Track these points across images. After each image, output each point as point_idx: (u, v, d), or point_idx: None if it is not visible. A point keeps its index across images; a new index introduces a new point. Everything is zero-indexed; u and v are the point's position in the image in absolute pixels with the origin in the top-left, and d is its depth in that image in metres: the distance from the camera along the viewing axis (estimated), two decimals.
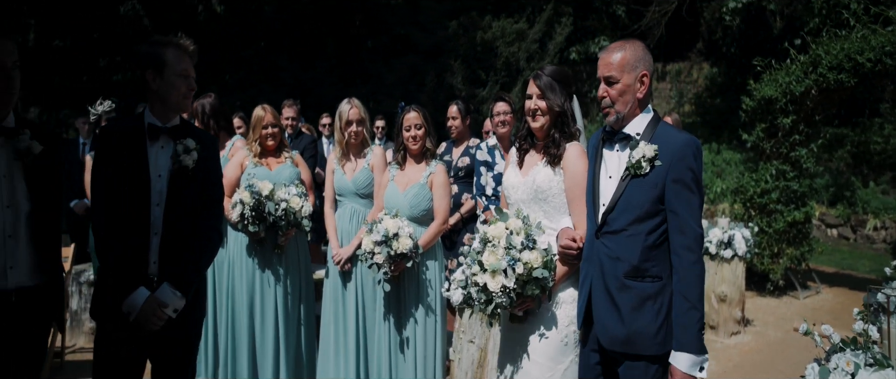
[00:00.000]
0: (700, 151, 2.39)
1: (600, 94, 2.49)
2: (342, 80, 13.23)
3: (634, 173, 2.39)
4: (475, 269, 2.57)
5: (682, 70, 18.23)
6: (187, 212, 2.61)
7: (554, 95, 2.69)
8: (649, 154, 2.36)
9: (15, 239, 2.53)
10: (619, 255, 2.42)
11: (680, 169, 2.34)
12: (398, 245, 3.63)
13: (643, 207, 2.38)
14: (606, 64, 2.46)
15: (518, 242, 2.53)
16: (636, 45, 2.46)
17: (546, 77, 2.73)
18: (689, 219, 2.33)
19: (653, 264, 2.40)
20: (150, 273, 2.57)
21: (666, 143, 2.38)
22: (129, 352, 2.58)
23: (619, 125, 2.48)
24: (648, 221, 2.38)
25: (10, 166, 2.53)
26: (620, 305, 2.41)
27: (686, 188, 2.34)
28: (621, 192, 2.42)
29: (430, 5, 13.88)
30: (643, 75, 2.43)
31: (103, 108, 5.15)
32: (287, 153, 4.33)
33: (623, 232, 2.42)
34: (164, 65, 2.60)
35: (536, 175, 2.74)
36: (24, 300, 2.53)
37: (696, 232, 2.35)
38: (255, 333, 4.13)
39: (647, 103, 2.49)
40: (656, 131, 2.43)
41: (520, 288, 2.52)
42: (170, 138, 2.63)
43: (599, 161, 2.55)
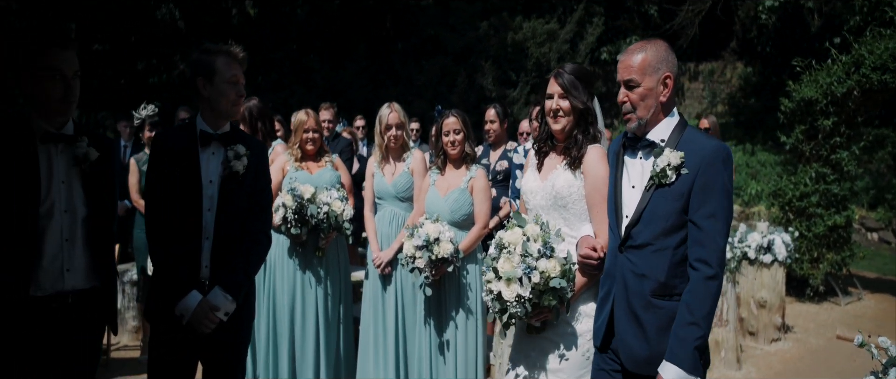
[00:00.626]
0: (730, 159, 2.22)
1: (620, 98, 2.33)
2: (373, 81, 13.31)
3: (659, 183, 2.23)
4: (490, 275, 2.47)
5: (715, 70, 17.95)
6: (237, 217, 2.65)
7: (577, 94, 2.59)
8: (675, 162, 2.20)
9: (72, 243, 2.59)
10: (644, 271, 2.26)
11: (707, 176, 2.18)
12: (439, 250, 3.64)
13: (669, 220, 2.22)
14: (626, 66, 2.30)
15: (535, 249, 2.41)
16: (659, 45, 2.31)
17: (568, 75, 2.61)
18: (711, 231, 2.15)
19: (681, 281, 2.22)
20: (202, 277, 2.62)
21: (693, 150, 2.21)
22: (182, 354, 2.63)
23: (642, 131, 2.32)
24: (675, 235, 2.22)
25: (69, 172, 2.60)
26: (646, 324, 2.25)
27: (712, 198, 2.17)
28: (646, 203, 2.26)
29: (461, 6, 13.89)
30: (666, 77, 2.27)
31: (146, 112, 5.26)
32: (327, 157, 4.38)
33: (648, 246, 2.25)
34: (213, 72, 2.65)
35: (556, 179, 2.63)
36: (80, 302, 2.59)
37: (718, 245, 2.16)
38: (295, 334, 4.18)
39: (672, 107, 2.33)
40: (683, 137, 2.26)
41: (536, 298, 2.40)
42: (221, 145, 2.68)
43: (621, 169, 2.39)
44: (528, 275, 2.37)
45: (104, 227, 2.68)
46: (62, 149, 2.58)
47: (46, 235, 2.51)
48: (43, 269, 2.50)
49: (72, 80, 2.53)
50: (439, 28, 13.76)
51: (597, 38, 14.80)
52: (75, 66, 2.54)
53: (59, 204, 2.56)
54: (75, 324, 2.58)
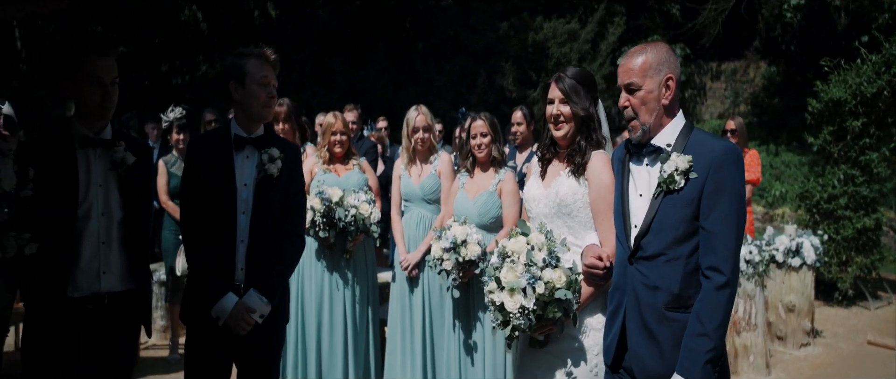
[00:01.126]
0: (741, 160, 2.13)
1: (621, 103, 2.24)
2: (393, 82, 13.35)
3: (667, 189, 2.13)
4: (492, 285, 2.38)
5: (738, 69, 17.73)
6: (272, 219, 2.67)
7: (578, 99, 2.51)
8: (683, 166, 2.10)
9: (108, 245, 2.63)
10: (657, 283, 2.15)
11: (718, 180, 2.08)
12: (466, 252, 3.64)
13: (680, 228, 2.12)
14: (626, 70, 2.22)
15: (540, 258, 2.32)
16: (659, 47, 2.23)
17: (569, 80, 2.53)
18: (724, 237, 2.06)
19: (695, 292, 2.12)
20: (237, 280, 2.64)
21: (701, 153, 2.12)
22: (218, 355, 2.66)
23: (646, 138, 2.23)
24: (687, 243, 2.13)
25: (106, 176, 2.63)
26: (661, 339, 2.15)
27: (723, 201, 2.07)
28: (654, 212, 2.16)
29: (482, 7, 13.87)
30: (668, 79, 2.18)
31: (174, 115, 5.32)
32: (354, 160, 4.39)
33: (660, 257, 2.16)
34: (245, 75, 2.66)
35: (559, 187, 2.54)
36: (116, 304, 2.63)
37: (730, 251, 2.06)
38: (322, 336, 4.21)
39: (676, 110, 2.24)
40: (690, 140, 2.17)
41: (540, 309, 2.30)
42: (255, 148, 2.70)
43: (627, 178, 2.29)
44: (533, 285, 2.28)
45: (139, 230, 2.71)
46: (100, 153, 2.61)
47: (84, 237, 2.55)
48: (80, 270, 2.54)
49: (110, 87, 2.57)
50: (459, 28, 13.76)
51: (618, 37, 14.69)
52: (114, 73, 2.58)
53: (97, 207, 2.60)
54: (111, 325, 2.61)
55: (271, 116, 2.74)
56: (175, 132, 5.28)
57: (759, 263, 5.29)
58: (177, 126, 5.27)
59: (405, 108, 4.42)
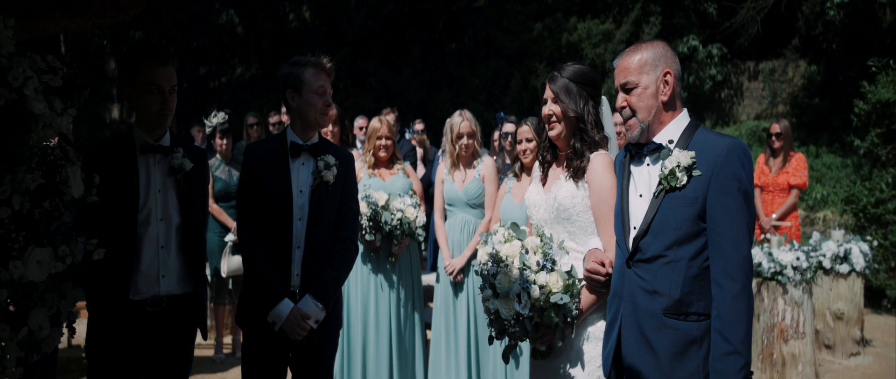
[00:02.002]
0: (749, 158, 2.01)
1: (618, 104, 2.16)
2: (427, 84, 13.37)
3: (669, 186, 2.02)
4: (487, 293, 2.27)
5: (776, 68, 17.34)
6: (327, 226, 2.71)
7: (569, 99, 2.39)
8: (685, 162, 1.99)
9: (167, 250, 2.69)
10: (655, 287, 2.03)
11: (724, 178, 1.96)
12: None
13: (682, 228, 2.00)
14: (622, 69, 2.14)
15: (534, 262, 2.21)
16: (656, 44, 2.16)
17: (562, 79, 2.43)
18: (733, 239, 1.94)
19: (698, 298, 1.99)
20: (293, 285, 2.68)
21: (705, 149, 2.01)
22: (273, 360, 2.70)
23: (645, 137, 2.13)
24: (689, 245, 2.00)
25: (165, 182, 2.70)
26: (658, 348, 2.01)
27: (731, 201, 1.95)
28: (655, 211, 2.05)
29: (515, 8, 13.82)
30: (666, 74, 2.08)
31: (217, 119, 5.42)
32: (399, 164, 4.42)
33: (659, 259, 2.03)
34: (302, 83, 2.70)
35: (558, 191, 2.43)
36: (174, 306, 2.69)
37: (742, 255, 1.94)
38: (368, 339, 4.24)
39: (677, 107, 2.13)
40: (694, 138, 2.06)
41: (537, 317, 2.18)
42: (310, 155, 2.74)
43: (628, 179, 2.19)
44: (527, 289, 2.15)
45: (195, 234, 2.77)
46: (159, 159, 2.67)
47: (144, 242, 2.61)
48: (141, 274, 2.61)
49: (169, 95, 2.63)
50: (493, 30, 13.73)
51: (653, 37, 14.50)
52: (173, 81, 2.63)
53: (156, 212, 2.66)
54: (169, 327, 2.67)
55: (327, 124, 2.77)
56: (218, 136, 5.37)
57: (806, 270, 5.17)
58: (220, 130, 5.36)
59: (439, 109, 4.45)
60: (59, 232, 2.35)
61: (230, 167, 5.38)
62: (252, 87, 14.26)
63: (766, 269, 5.12)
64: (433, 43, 14.41)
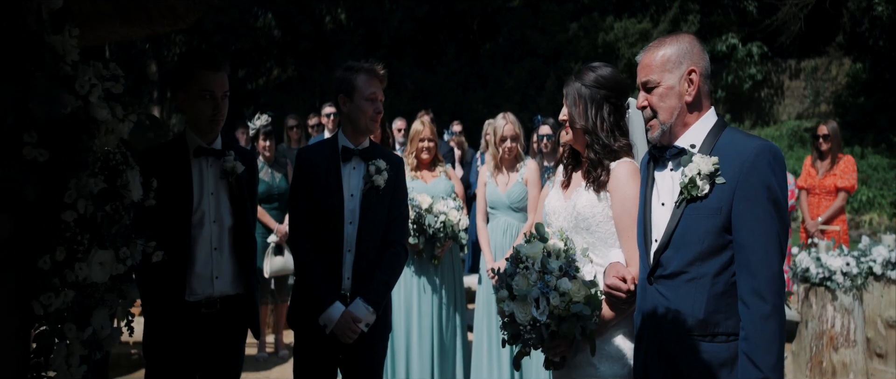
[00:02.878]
0: (780, 161, 1.82)
1: (639, 103, 2.01)
2: (461, 85, 13.39)
3: (690, 196, 1.85)
4: (502, 293, 2.12)
5: (819, 66, 16.89)
6: (378, 230, 2.73)
7: (576, 108, 2.24)
8: (706, 169, 1.83)
9: (220, 251, 2.74)
10: (678, 306, 1.88)
11: (750, 185, 1.78)
12: None
13: (705, 242, 1.84)
14: (644, 66, 1.98)
15: (556, 266, 2.06)
16: (681, 39, 1.98)
17: (575, 83, 2.27)
18: (761, 253, 1.76)
19: (725, 317, 1.84)
20: (344, 288, 2.71)
21: (731, 154, 1.83)
22: (324, 362, 2.73)
23: (668, 139, 1.97)
24: (714, 260, 1.84)
25: (217, 184, 2.75)
26: (685, 372, 1.87)
27: (759, 210, 1.78)
28: (676, 222, 1.89)
29: (551, 8, 13.74)
30: (690, 72, 1.91)
31: (260, 122, 5.50)
32: (441, 166, 4.44)
33: (682, 275, 1.88)
34: (354, 89, 2.72)
35: (578, 199, 2.27)
36: (227, 307, 2.74)
37: (772, 271, 1.76)
38: (411, 340, 4.26)
39: (703, 108, 1.95)
40: (720, 140, 1.89)
41: (555, 325, 2.04)
42: (361, 160, 2.76)
43: (651, 185, 2.02)
44: (547, 295, 2.02)
45: (247, 236, 2.82)
46: (212, 162, 2.73)
47: (198, 243, 2.66)
48: (195, 275, 2.66)
49: (221, 101, 2.67)
50: (528, 30, 13.67)
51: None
52: (225, 87, 2.68)
53: (209, 214, 2.71)
54: (223, 327, 2.72)
55: (377, 130, 2.79)
56: (262, 138, 5.45)
57: (857, 276, 5.02)
58: (263, 132, 5.44)
59: (473, 110, 4.46)
60: (120, 234, 2.42)
61: (272, 169, 5.47)
62: (288, 89, 14.46)
63: (815, 274, 4.99)
64: (467, 44, 14.41)
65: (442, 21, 14.13)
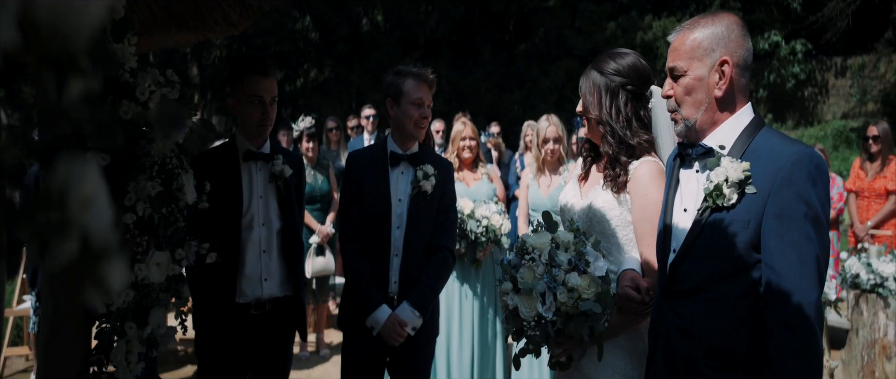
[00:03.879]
0: (823, 172, 1.56)
1: (664, 91, 1.79)
2: (497, 86, 13.37)
3: (715, 205, 1.62)
4: (506, 286, 1.97)
5: (866, 64, 16.37)
6: (425, 234, 2.75)
7: (592, 99, 2.07)
8: (735, 175, 1.59)
9: (268, 254, 2.79)
10: (692, 327, 1.66)
11: (785, 199, 1.54)
12: None
13: (727, 258, 1.61)
14: (672, 49, 1.75)
15: (565, 259, 1.88)
16: (719, 21, 1.70)
17: (592, 72, 2.09)
18: (795, 279, 1.51)
19: (747, 346, 1.59)
20: (391, 292, 2.74)
21: (765, 160, 1.59)
22: (371, 363, 2.77)
23: (694, 136, 1.74)
24: (738, 280, 1.60)
25: (266, 188, 2.80)
26: None
27: (794, 230, 1.53)
28: (697, 233, 1.66)
29: (588, 7, 13.62)
30: (722, 62, 1.66)
31: (304, 124, 5.58)
32: (483, 168, 4.44)
33: (699, 294, 1.65)
34: (401, 94, 2.74)
35: (595, 198, 2.09)
36: (276, 309, 2.79)
37: (807, 300, 1.50)
38: (451, 344, 4.27)
39: (736, 104, 1.70)
40: (754, 142, 1.65)
41: (561, 323, 1.87)
42: (410, 164, 2.78)
43: (675, 187, 1.80)
44: (554, 290, 1.85)
45: (295, 238, 2.87)
46: (260, 166, 2.78)
47: (247, 246, 2.72)
48: (245, 277, 2.71)
49: (270, 106, 2.72)
50: (565, 30, 13.58)
51: None
52: (274, 93, 2.72)
53: (258, 217, 2.77)
54: (271, 329, 2.78)
55: (423, 136, 2.81)
56: (305, 140, 5.53)
57: None
58: (307, 135, 5.52)
59: (509, 111, 4.45)
60: (175, 236, 2.49)
61: (315, 170, 5.55)
62: (325, 91, 14.64)
63: (865, 280, 4.84)
64: (503, 44, 14.38)
65: (478, 22, 14.13)
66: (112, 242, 0.40)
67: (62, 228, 0.47)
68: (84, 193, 0.36)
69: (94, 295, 0.40)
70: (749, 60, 1.70)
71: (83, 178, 0.36)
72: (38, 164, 0.46)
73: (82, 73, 0.47)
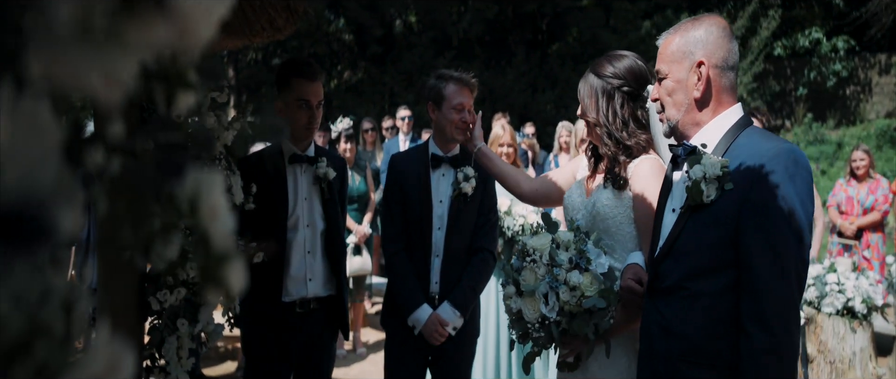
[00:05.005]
0: (802, 168, 1.54)
1: (651, 96, 1.84)
2: (530, 86, 13.33)
3: (694, 202, 1.62)
4: (509, 290, 1.98)
5: None
6: (466, 235, 2.78)
7: (589, 101, 2.09)
8: (713, 172, 1.58)
9: (313, 254, 2.85)
10: (671, 325, 1.65)
11: (760, 195, 1.52)
12: None
13: (705, 255, 1.60)
14: (658, 54, 1.78)
15: (566, 258, 1.88)
16: (699, 25, 1.71)
17: (588, 75, 2.12)
18: (768, 276, 1.49)
19: (727, 346, 1.57)
20: (432, 292, 2.78)
21: (744, 157, 1.59)
22: (413, 362, 2.81)
23: (679, 136, 1.78)
24: (716, 277, 1.59)
25: (310, 190, 2.86)
26: None
27: (769, 225, 1.51)
28: (679, 230, 1.66)
29: (623, 6, 13.48)
30: (699, 64, 1.67)
31: (342, 125, 5.66)
32: (522, 170, 4.45)
33: (678, 291, 1.65)
34: (442, 98, 2.77)
35: (598, 197, 2.09)
36: (320, 308, 2.85)
37: (780, 297, 1.49)
38: (487, 344, 4.29)
39: (719, 104, 1.71)
40: (736, 141, 1.65)
41: (566, 323, 1.87)
42: (451, 166, 2.81)
43: (668, 189, 1.81)
44: (556, 290, 1.85)
45: (338, 239, 2.92)
46: (305, 169, 2.84)
47: (292, 247, 2.78)
48: (290, 277, 2.77)
49: (315, 109, 2.77)
50: (599, 29, 13.47)
51: (772, 32, 13.67)
52: (320, 97, 2.77)
53: (303, 219, 2.82)
54: (316, 327, 2.83)
55: (464, 139, 2.83)
56: (343, 141, 5.61)
57: None
58: (345, 136, 5.60)
59: (542, 111, 4.44)
60: None
61: (352, 171, 5.62)
62: (359, 92, 14.79)
63: None
64: (536, 44, 14.33)
65: (511, 22, 14.10)
66: (232, 246, 0.44)
67: (171, 232, 0.50)
68: (211, 203, 0.39)
69: (215, 295, 0.44)
70: (730, 61, 1.70)
71: (211, 189, 0.40)
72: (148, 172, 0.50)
73: (190, 87, 0.51)
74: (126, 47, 0.32)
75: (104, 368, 0.33)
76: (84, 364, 0.33)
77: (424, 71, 13.36)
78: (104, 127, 0.46)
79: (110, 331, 0.36)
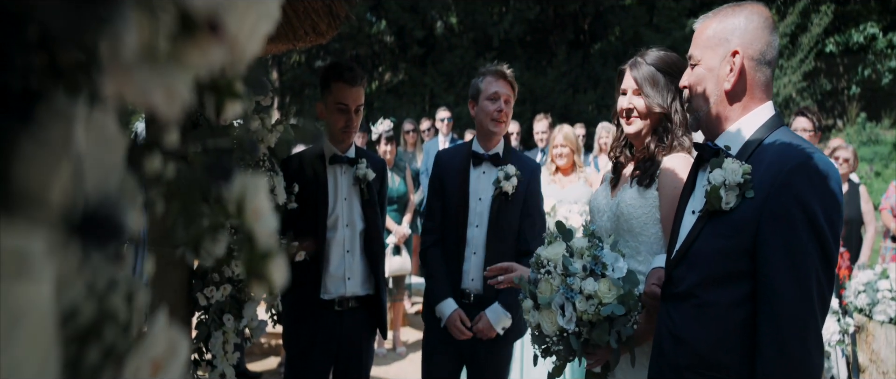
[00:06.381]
0: (825, 178, 1.42)
1: (682, 83, 1.72)
2: (571, 86, 13.23)
3: (711, 208, 1.53)
4: (527, 304, 1.92)
5: None
6: (507, 234, 2.80)
7: (655, 92, 2.01)
8: (733, 178, 1.48)
9: (352, 254, 2.92)
10: (681, 333, 1.58)
11: (780, 204, 1.42)
12: None
13: (719, 264, 1.52)
14: (694, 37, 1.68)
15: (580, 267, 1.82)
16: (740, 11, 1.59)
17: (647, 66, 2.03)
18: (789, 293, 1.40)
19: (739, 359, 1.49)
20: (469, 289, 2.80)
21: (768, 163, 1.48)
22: (448, 355, 2.86)
23: (705, 130, 1.67)
24: (730, 287, 1.51)
25: (350, 190, 2.93)
26: None
27: (790, 237, 1.41)
28: (695, 236, 1.58)
29: (668, 4, 13.24)
30: (733, 54, 1.57)
31: (383, 127, 5.73)
32: (581, 172, 4.49)
33: (690, 299, 1.57)
34: (478, 92, 2.81)
35: (623, 197, 2.03)
36: (359, 307, 2.91)
37: (799, 315, 1.40)
38: (524, 345, 4.29)
39: (751, 101, 1.59)
40: (764, 143, 1.53)
41: (585, 332, 1.80)
42: (492, 165, 2.84)
43: (690, 189, 1.73)
44: (572, 300, 1.78)
45: (376, 239, 2.98)
46: (345, 170, 2.91)
47: (332, 246, 2.85)
48: (329, 275, 2.85)
49: (354, 114, 2.83)
50: (642, 28, 13.27)
51: (823, 29, 13.22)
52: (360, 101, 2.83)
53: (342, 218, 2.89)
54: (355, 325, 2.90)
55: (502, 131, 2.84)
56: (383, 142, 5.68)
57: None
58: (385, 138, 5.67)
59: (584, 112, 4.44)
60: None
61: (392, 172, 5.69)
62: (399, 93, 14.92)
63: None
64: (578, 44, 14.21)
65: (552, 22, 14.02)
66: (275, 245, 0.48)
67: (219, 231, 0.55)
68: (256, 204, 0.43)
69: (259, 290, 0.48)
70: (768, 56, 1.58)
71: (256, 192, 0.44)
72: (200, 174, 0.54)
73: (238, 97, 0.55)
74: (184, 67, 0.36)
75: (163, 350, 0.37)
76: (145, 347, 0.37)
77: (465, 72, 13.40)
78: (159, 135, 0.51)
79: (167, 319, 0.40)
